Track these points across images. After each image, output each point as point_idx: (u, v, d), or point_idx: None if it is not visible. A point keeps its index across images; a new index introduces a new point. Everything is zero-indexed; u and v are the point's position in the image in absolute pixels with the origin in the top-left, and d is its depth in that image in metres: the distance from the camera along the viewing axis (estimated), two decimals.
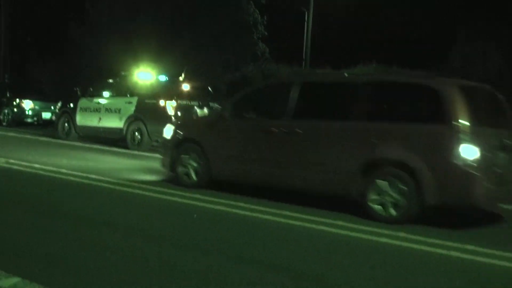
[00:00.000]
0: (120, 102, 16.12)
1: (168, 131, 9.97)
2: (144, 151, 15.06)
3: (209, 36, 27.97)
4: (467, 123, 7.15)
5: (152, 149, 14.77)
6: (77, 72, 26.09)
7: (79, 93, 17.30)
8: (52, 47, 30.29)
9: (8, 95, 22.70)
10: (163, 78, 16.96)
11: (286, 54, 32.29)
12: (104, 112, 16.37)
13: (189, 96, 15.99)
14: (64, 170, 10.41)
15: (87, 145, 15.95)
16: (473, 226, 7.77)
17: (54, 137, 17.26)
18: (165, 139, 10.04)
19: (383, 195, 7.51)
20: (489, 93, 8.30)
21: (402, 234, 6.75)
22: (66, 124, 17.29)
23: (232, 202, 8.18)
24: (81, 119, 16.90)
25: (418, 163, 7.28)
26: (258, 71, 28.40)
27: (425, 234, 6.82)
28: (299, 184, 8.40)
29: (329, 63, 33.58)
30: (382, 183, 7.52)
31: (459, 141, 7.11)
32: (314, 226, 7.05)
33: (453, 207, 7.59)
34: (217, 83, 21.58)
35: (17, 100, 22.21)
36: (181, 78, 16.80)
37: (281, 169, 8.49)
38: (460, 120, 7.16)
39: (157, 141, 14.55)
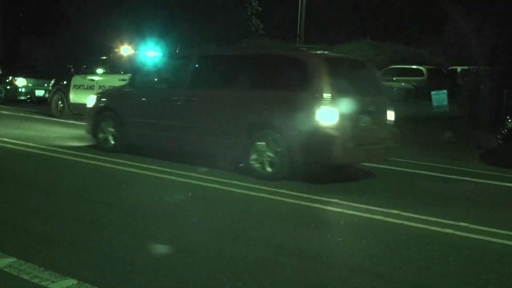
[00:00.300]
0: (113, 79, 16.00)
1: (90, 101, 10.93)
2: None
3: (203, 12, 27.77)
4: (329, 91, 8.12)
5: None
6: (70, 49, 25.90)
7: (72, 70, 17.17)
8: (44, 23, 30.02)
9: (0, 72, 22.53)
10: (157, 54, 16.85)
11: (281, 30, 32.15)
12: (98, 89, 16.25)
13: None
14: (59, 149, 10.40)
15: (81, 123, 15.87)
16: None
17: (48, 115, 17.20)
18: (87, 108, 10.94)
19: (262, 155, 8.55)
20: (358, 64, 9.60)
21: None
22: (59, 102, 17.20)
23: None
24: (74, 97, 16.78)
25: (288, 126, 8.31)
26: (252, 46, 28.31)
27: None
28: (196, 147, 9.44)
29: (324, 38, 33.51)
30: (261, 144, 8.55)
31: (320, 106, 8.09)
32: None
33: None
34: None
35: (10, 78, 22.05)
36: None
37: (182, 133, 9.47)
38: (323, 88, 8.15)
39: None
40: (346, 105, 8.26)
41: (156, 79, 10.24)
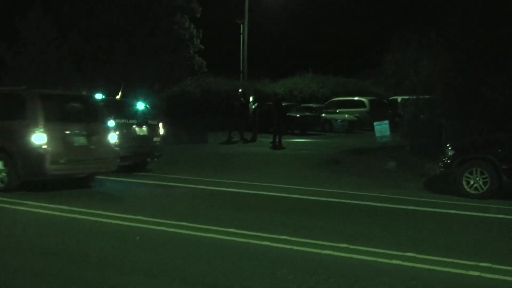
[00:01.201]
0: None
1: None
2: None
3: (145, 52, 27.73)
4: (41, 119, 10.70)
5: None
6: None
7: None
8: None
9: None
10: (99, 96, 16.63)
11: (224, 67, 32.39)
12: None
13: (128, 114, 15.61)
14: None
15: None
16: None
17: None
18: None
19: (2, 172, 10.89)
20: (78, 99, 12.51)
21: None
22: None
23: None
24: None
25: (13, 149, 10.80)
26: (196, 85, 28.32)
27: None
28: None
29: (268, 73, 33.94)
30: None
31: (33, 132, 10.65)
32: None
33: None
34: (154, 99, 21.40)
35: None
36: (118, 97, 16.55)
37: None
38: (36, 117, 10.73)
39: None
40: (57, 130, 10.85)
41: None
